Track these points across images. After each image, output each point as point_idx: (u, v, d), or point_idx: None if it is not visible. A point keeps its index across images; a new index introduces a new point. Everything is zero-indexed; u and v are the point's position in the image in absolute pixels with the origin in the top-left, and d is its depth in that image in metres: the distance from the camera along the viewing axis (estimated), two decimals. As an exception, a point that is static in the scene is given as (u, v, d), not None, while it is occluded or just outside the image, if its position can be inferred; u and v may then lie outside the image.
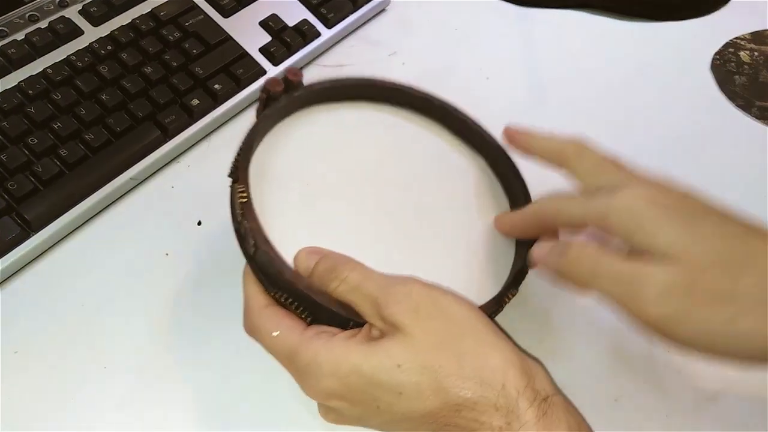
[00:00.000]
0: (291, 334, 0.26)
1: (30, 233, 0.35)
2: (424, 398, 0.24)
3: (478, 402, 0.23)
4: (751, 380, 0.34)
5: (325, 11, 0.48)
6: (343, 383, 0.24)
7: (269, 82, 0.31)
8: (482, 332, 0.25)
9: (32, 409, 0.31)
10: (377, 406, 0.25)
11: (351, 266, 0.26)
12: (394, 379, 0.24)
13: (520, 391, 0.23)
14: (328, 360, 0.25)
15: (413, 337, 0.24)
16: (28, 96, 0.39)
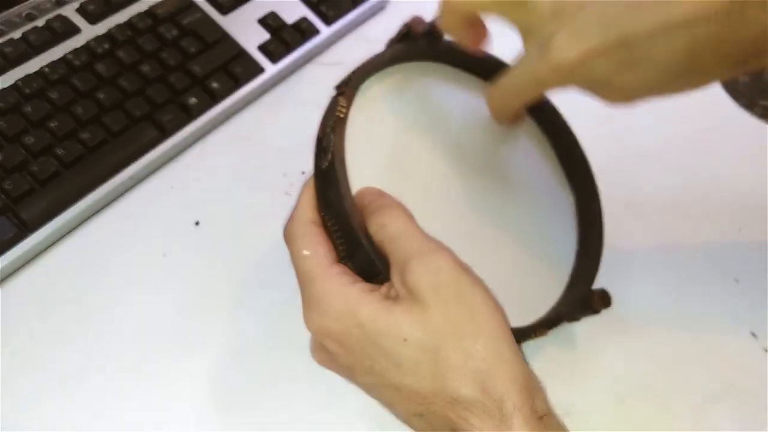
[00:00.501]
0: (319, 261, 0.25)
1: (27, 233, 0.35)
2: (420, 378, 0.23)
3: (474, 405, 0.23)
4: (752, 381, 0.34)
5: (324, 9, 0.48)
6: (345, 330, 0.24)
7: (415, 20, 0.30)
8: (497, 338, 0.24)
9: (30, 410, 0.31)
10: (371, 365, 0.24)
11: (397, 215, 0.25)
12: (397, 349, 0.23)
13: (518, 407, 0.23)
14: (339, 304, 0.24)
15: (427, 315, 0.23)
16: (25, 94, 0.38)
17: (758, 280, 0.38)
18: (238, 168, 0.41)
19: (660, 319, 0.36)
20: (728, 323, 0.36)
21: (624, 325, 0.36)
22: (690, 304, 0.37)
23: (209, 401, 0.32)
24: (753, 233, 0.40)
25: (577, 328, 0.36)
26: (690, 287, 0.38)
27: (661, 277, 0.38)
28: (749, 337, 0.36)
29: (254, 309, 0.35)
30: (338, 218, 0.26)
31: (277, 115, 0.44)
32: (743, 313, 0.37)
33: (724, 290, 0.37)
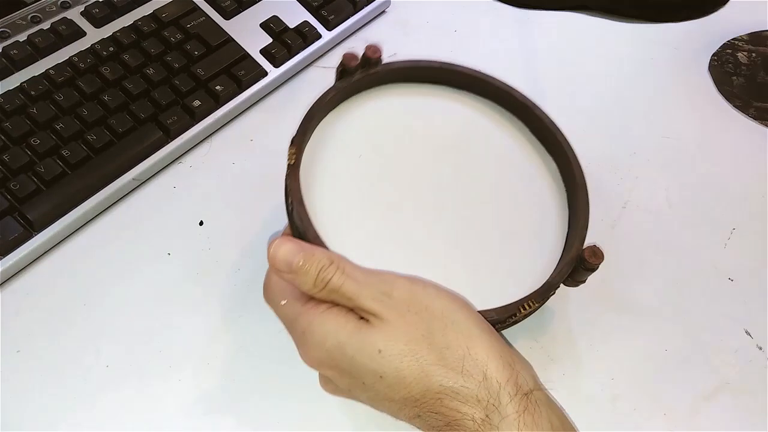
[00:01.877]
0: (295, 303, 0.27)
1: (32, 233, 0.36)
2: (405, 384, 0.24)
3: (460, 392, 0.24)
4: (747, 380, 0.35)
5: (325, 13, 0.49)
6: (331, 355, 0.25)
7: (346, 57, 0.32)
8: (464, 325, 0.25)
9: (34, 409, 0.31)
10: (363, 382, 0.25)
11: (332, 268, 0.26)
12: (375, 362, 0.25)
13: (502, 384, 0.24)
14: (319, 331, 0.25)
15: (395, 327, 0.25)
16: (31, 97, 0.39)
17: (752, 279, 0.38)
18: (241, 169, 0.42)
19: (655, 318, 0.37)
20: (723, 322, 0.37)
21: (619, 323, 0.36)
22: (685, 302, 0.37)
23: (212, 400, 0.32)
24: (747, 232, 0.40)
25: (575, 328, 0.36)
26: (685, 286, 0.38)
27: (656, 276, 0.38)
28: (744, 336, 0.36)
29: (257, 308, 0.35)
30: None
31: (280, 117, 0.45)
32: (738, 311, 0.37)
33: (718, 289, 0.38)
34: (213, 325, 0.35)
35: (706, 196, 0.42)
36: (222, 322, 0.35)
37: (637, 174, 0.43)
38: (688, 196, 0.42)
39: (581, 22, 0.55)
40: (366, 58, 0.32)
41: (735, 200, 0.42)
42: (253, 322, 0.35)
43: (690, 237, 0.40)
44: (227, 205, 0.40)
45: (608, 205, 0.41)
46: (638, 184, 0.43)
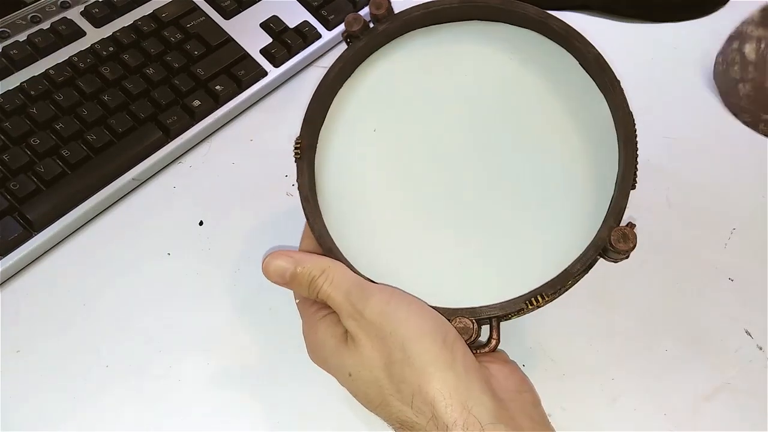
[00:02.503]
0: (303, 303, 0.29)
1: (32, 233, 0.36)
2: (374, 405, 0.26)
3: (414, 427, 0.25)
4: (747, 380, 0.35)
5: (325, 13, 0.49)
6: (319, 361, 0.29)
7: (347, 21, 0.29)
8: (420, 360, 0.25)
9: (33, 409, 0.31)
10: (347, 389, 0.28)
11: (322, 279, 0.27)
12: (347, 383, 0.27)
13: (449, 425, 0.24)
14: (312, 340, 0.28)
15: (362, 354, 0.26)
16: (30, 97, 0.39)
17: (752, 279, 0.38)
18: (241, 169, 0.42)
19: (654, 318, 0.37)
20: (723, 322, 0.37)
21: (619, 323, 0.36)
22: (685, 302, 0.37)
23: (212, 400, 0.32)
24: (747, 232, 0.40)
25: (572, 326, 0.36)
26: (685, 286, 0.38)
27: (656, 276, 0.38)
28: (744, 336, 0.36)
29: (257, 308, 0.36)
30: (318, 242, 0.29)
31: (280, 117, 0.45)
32: (738, 311, 0.37)
33: (718, 289, 0.38)
34: (213, 325, 0.35)
35: (706, 196, 0.42)
36: (222, 322, 0.35)
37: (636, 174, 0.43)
38: (688, 196, 0.42)
39: (581, 22, 0.55)
40: (373, 15, 0.29)
41: (735, 200, 0.42)
42: (252, 322, 0.35)
43: (690, 237, 0.40)
44: (227, 205, 0.40)
45: (608, 205, 0.41)
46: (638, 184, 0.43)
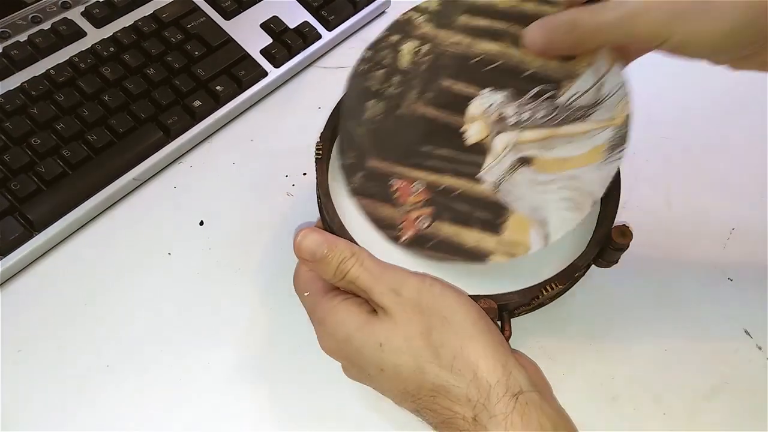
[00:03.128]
0: (315, 295, 0.29)
1: (33, 233, 0.36)
2: (403, 378, 0.25)
3: (451, 391, 0.24)
4: (747, 379, 0.35)
5: (325, 13, 0.49)
6: (339, 346, 0.27)
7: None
8: (461, 324, 0.25)
9: (34, 409, 0.31)
10: (368, 373, 0.27)
11: (352, 261, 0.27)
12: (376, 356, 0.26)
13: (492, 385, 0.24)
14: (332, 323, 0.27)
15: (396, 323, 0.25)
16: (31, 97, 0.39)
17: (752, 278, 0.38)
18: (241, 169, 0.42)
19: (654, 318, 0.37)
20: (722, 321, 0.37)
21: (619, 323, 0.36)
22: (684, 302, 0.37)
23: (213, 399, 0.32)
24: (746, 232, 0.40)
25: (574, 328, 0.36)
26: (684, 286, 0.38)
27: (655, 276, 0.38)
28: (743, 335, 0.36)
29: (258, 307, 0.36)
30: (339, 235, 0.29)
31: (280, 117, 0.45)
32: (737, 311, 0.37)
33: (717, 289, 0.38)
34: (213, 325, 0.35)
35: (706, 196, 0.42)
36: (222, 321, 0.35)
37: (636, 174, 0.43)
38: (688, 196, 0.42)
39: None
40: None
41: (734, 200, 0.42)
42: (253, 321, 0.35)
43: (689, 237, 0.40)
44: (227, 205, 0.40)
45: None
46: (637, 184, 0.43)
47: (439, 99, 0.30)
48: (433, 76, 0.30)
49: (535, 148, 0.28)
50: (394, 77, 0.30)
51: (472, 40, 0.30)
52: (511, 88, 0.29)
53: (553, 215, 0.27)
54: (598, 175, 0.28)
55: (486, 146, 0.29)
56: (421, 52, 0.30)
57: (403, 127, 0.30)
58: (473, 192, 0.28)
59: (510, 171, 0.28)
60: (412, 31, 0.30)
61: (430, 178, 0.29)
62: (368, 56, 0.30)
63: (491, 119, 0.29)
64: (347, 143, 0.29)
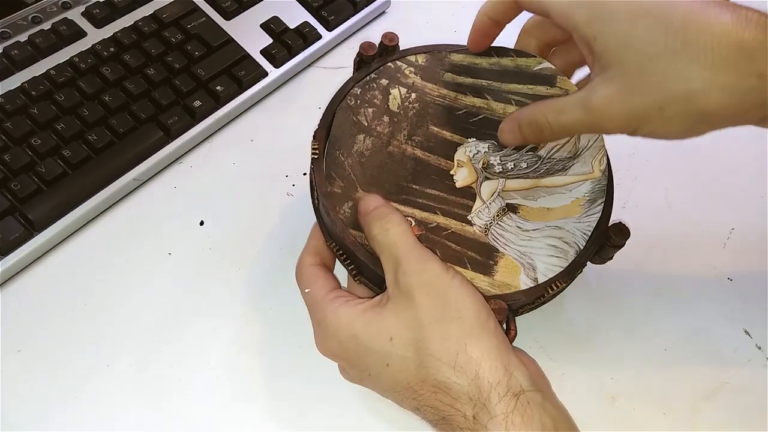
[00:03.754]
0: (317, 293, 0.29)
1: (33, 233, 0.36)
2: (407, 372, 0.25)
3: (452, 388, 0.24)
4: (746, 379, 0.35)
5: (325, 14, 0.49)
6: (342, 347, 0.27)
7: (363, 46, 0.32)
8: (469, 322, 0.25)
9: (35, 408, 0.31)
10: (370, 372, 0.26)
11: (398, 222, 0.27)
12: (385, 349, 0.25)
13: (493, 384, 0.24)
14: (333, 323, 0.27)
15: (412, 310, 0.25)
16: (32, 97, 0.39)
17: (751, 278, 0.38)
18: (241, 169, 0.42)
19: (653, 318, 0.37)
20: (722, 321, 0.37)
21: (619, 323, 0.36)
22: (684, 302, 0.37)
23: (212, 399, 0.32)
24: (746, 232, 0.41)
25: (574, 328, 0.36)
26: (684, 286, 0.38)
27: (655, 276, 0.38)
28: (743, 335, 0.36)
29: (258, 306, 0.36)
30: (337, 242, 0.29)
31: (280, 117, 0.45)
32: (737, 311, 0.37)
33: (717, 289, 0.38)
34: (213, 325, 0.35)
35: (705, 196, 0.42)
36: (222, 321, 0.35)
37: (636, 174, 0.43)
38: (687, 196, 0.42)
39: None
40: (383, 46, 0.32)
41: (734, 200, 0.42)
42: (253, 321, 0.35)
43: (689, 237, 0.40)
44: (228, 205, 0.40)
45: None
46: (637, 184, 0.43)
47: (428, 142, 0.31)
48: (421, 122, 0.31)
49: (520, 197, 0.30)
50: (383, 117, 0.31)
51: (457, 94, 0.32)
52: (495, 139, 0.31)
53: (540, 261, 0.29)
54: (579, 226, 0.30)
55: (474, 190, 0.30)
56: (411, 99, 0.32)
57: (392, 163, 0.31)
58: (465, 232, 0.29)
59: (498, 216, 0.30)
60: (402, 78, 0.32)
61: (421, 215, 0.30)
62: (357, 93, 0.32)
63: (478, 166, 0.31)
64: (335, 172, 0.30)
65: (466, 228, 0.29)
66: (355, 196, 0.29)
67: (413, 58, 0.33)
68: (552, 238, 0.29)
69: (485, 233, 0.29)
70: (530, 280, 0.29)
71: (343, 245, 0.29)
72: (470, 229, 0.29)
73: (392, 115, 0.31)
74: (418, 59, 0.33)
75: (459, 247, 0.29)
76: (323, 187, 0.29)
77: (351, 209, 0.29)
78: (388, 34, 0.32)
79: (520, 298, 0.28)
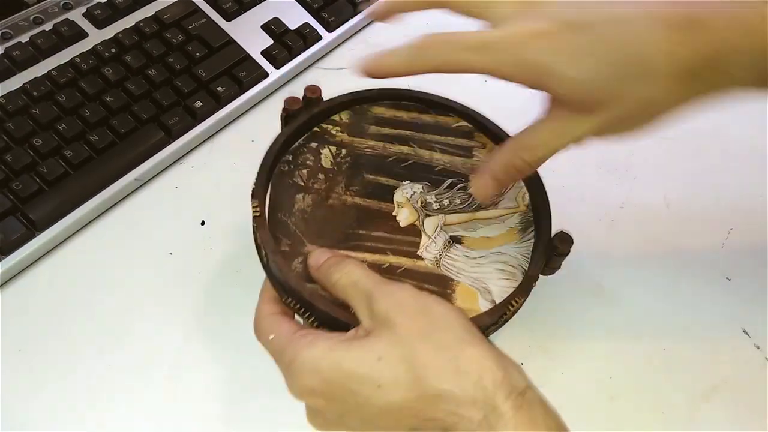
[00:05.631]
0: (282, 336, 0.27)
1: (35, 233, 0.36)
2: (402, 390, 0.24)
3: (455, 394, 0.24)
4: (745, 378, 0.35)
5: (326, 15, 0.49)
6: (322, 379, 0.25)
7: (288, 101, 0.33)
8: (460, 330, 0.26)
9: (34, 409, 0.31)
10: (356, 402, 0.25)
11: (355, 264, 0.28)
12: (374, 371, 0.24)
13: (497, 384, 0.24)
14: (309, 358, 0.25)
15: (396, 332, 0.25)
16: (33, 97, 0.39)
17: (750, 278, 0.39)
18: (242, 169, 0.42)
19: (652, 317, 0.37)
20: (720, 321, 0.37)
21: (617, 323, 0.37)
22: (682, 302, 0.38)
23: (213, 400, 0.32)
24: (745, 232, 0.41)
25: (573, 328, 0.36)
26: (682, 286, 0.38)
27: (654, 276, 0.39)
28: (741, 335, 0.37)
29: (259, 307, 0.36)
30: (293, 296, 0.29)
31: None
32: (735, 310, 0.37)
33: (716, 288, 0.38)
34: (214, 325, 0.35)
35: (704, 196, 0.43)
36: (223, 321, 0.35)
37: (635, 174, 0.43)
38: (686, 196, 0.43)
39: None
40: (307, 99, 0.33)
41: (733, 200, 0.42)
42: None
43: (688, 237, 0.41)
44: (229, 205, 0.40)
45: (606, 206, 0.42)
46: (636, 184, 0.43)
47: (365, 190, 0.33)
48: (355, 173, 0.33)
49: (461, 229, 0.32)
50: (318, 175, 0.32)
51: (384, 144, 0.34)
52: (426, 181, 0.33)
53: (493, 284, 0.31)
54: (519, 250, 0.32)
55: (418, 228, 0.32)
56: (342, 154, 0.33)
57: (335, 214, 0.31)
58: (418, 267, 0.31)
59: (445, 248, 0.31)
60: (330, 138, 0.34)
61: (372, 257, 0.30)
62: (289, 159, 0.33)
63: (417, 205, 0.33)
64: (280, 232, 0.30)
65: (419, 263, 0.31)
66: (304, 251, 0.30)
67: (337, 117, 0.34)
68: (498, 263, 0.31)
69: (437, 265, 0.31)
70: (488, 303, 0.30)
71: (301, 298, 0.28)
72: (422, 264, 0.31)
73: (327, 172, 0.33)
74: (342, 117, 0.34)
75: (415, 282, 0.30)
76: (269, 245, 0.29)
77: (302, 263, 0.29)
78: (310, 87, 0.33)
79: (485, 320, 0.29)
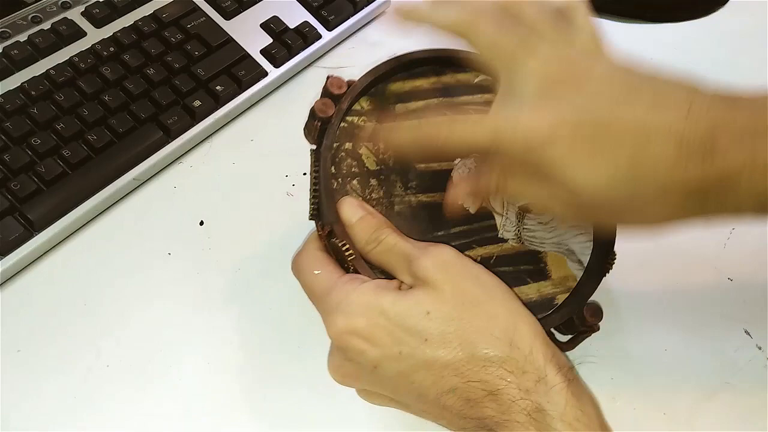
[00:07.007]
0: (329, 275, 0.27)
1: (33, 233, 0.36)
2: (450, 348, 0.24)
3: (506, 361, 0.24)
4: (747, 379, 0.35)
5: (325, 13, 0.49)
6: (370, 323, 0.25)
7: (319, 109, 0.30)
8: (512, 303, 0.26)
9: (34, 409, 0.31)
10: (399, 351, 0.25)
11: (388, 230, 0.27)
12: (421, 324, 0.24)
13: (548, 359, 0.24)
14: (359, 301, 0.25)
15: (443, 291, 0.25)
16: (31, 97, 0.39)
17: (752, 278, 0.38)
18: (241, 169, 0.42)
19: (654, 318, 0.37)
20: (722, 322, 0.37)
21: (618, 324, 0.36)
22: (684, 302, 0.37)
23: (212, 400, 0.32)
24: (746, 232, 0.41)
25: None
26: (684, 286, 0.38)
27: (655, 276, 0.38)
28: (743, 336, 0.36)
29: (258, 307, 0.36)
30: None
31: (280, 117, 0.45)
32: (737, 311, 0.37)
33: (718, 289, 0.38)
34: (213, 325, 0.35)
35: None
36: (222, 321, 0.35)
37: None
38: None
39: (581, 22, 0.55)
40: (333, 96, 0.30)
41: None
42: (253, 321, 0.35)
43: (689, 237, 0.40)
44: (228, 205, 0.40)
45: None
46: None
47: (424, 183, 0.30)
48: (404, 166, 0.30)
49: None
50: (370, 181, 0.30)
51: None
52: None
53: (573, 243, 0.30)
54: None
55: (488, 209, 0.30)
56: (381, 149, 0.30)
57: (407, 222, 0.29)
58: (506, 251, 0.29)
59: (519, 221, 0.30)
60: (360, 132, 0.31)
61: None
62: (334, 172, 0.30)
63: None
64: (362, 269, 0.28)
65: (504, 246, 0.30)
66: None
67: (358, 107, 0.31)
68: None
69: (520, 242, 0.30)
70: (577, 264, 0.29)
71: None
72: (508, 246, 0.30)
73: (377, 175, 0.30)
74: (363, 105, 0.31)
75: (511, 267, 0.29)
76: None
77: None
78: (334, 82, 0.30)
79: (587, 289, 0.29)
